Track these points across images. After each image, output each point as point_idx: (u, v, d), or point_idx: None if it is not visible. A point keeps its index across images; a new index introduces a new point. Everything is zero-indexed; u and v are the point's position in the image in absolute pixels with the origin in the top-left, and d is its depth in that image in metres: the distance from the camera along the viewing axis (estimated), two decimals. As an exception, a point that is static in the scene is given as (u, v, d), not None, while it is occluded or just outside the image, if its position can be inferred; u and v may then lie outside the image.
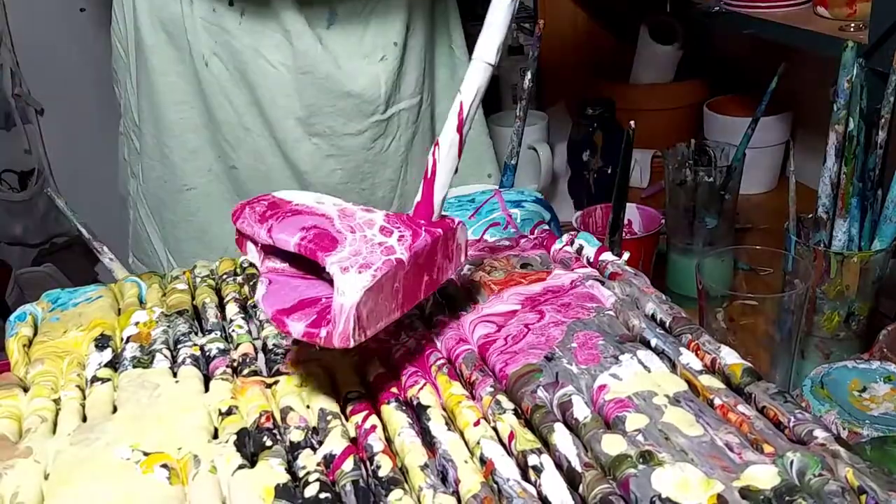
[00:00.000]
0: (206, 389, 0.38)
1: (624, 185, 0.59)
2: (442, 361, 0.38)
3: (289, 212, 0.37)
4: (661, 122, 1.04)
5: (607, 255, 0.47)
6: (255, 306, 0.45)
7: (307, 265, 0.37)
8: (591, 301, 0.42)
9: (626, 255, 0.47)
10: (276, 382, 0.37)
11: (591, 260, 0.47)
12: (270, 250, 0.37)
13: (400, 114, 0.67)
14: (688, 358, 0.36)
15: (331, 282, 0.33)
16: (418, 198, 0.39)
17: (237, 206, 0.38)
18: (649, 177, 1.03)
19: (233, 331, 0.43)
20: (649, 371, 0.36)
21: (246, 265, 0.51)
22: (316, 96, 0.63)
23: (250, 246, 0.38)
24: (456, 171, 0.39)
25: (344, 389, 0.37)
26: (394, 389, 0.36)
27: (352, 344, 0.33)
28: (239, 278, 0.49)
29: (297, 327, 0.33)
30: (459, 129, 0.38)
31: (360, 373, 0.38)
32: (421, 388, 0.36)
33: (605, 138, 0.93)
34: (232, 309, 0.45)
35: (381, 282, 0.34)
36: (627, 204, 0.64)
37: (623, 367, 0.36)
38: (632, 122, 0.58)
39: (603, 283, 0.44)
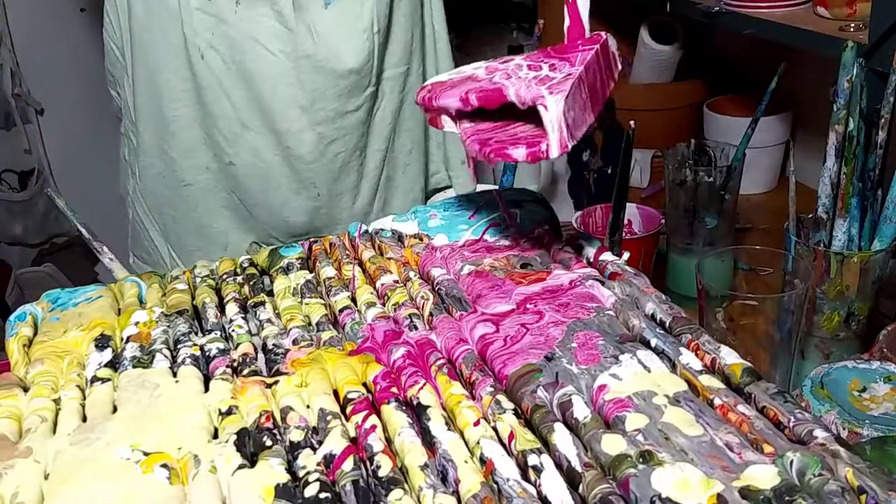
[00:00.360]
0: (206, 389, 0.38)
1: (624, 185, 0.59)
2: (442, 361, 0.38)
3: (464, 80, 0.42)
4: (661, 121, 1.04)
5: (607, 255, 0.47)
6: (255, 305, 0.45)
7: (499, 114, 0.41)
8: (591, 301, 0.42)
9: (626, 255, 0.47)
10: (276, 382, 0.37)
11: (591, 260, 0.47)
12: (461, 115, 0.42)
13: (388, 82, 0.67)
14: (688, 358, 0.36)
15: (522, 118, 0.39)
16: (567, 22, 0.43)
17: (423, 92, 0.43)
18: (649, 177, 1.03)
19: (233, 330, 0.43)
20: (649, 371, 0.36)
21: (246, 265, 0.51)
22: (318, 80, 0.63)
23: (445, 118, 0.43)
24: None
25: (344, 389, 0.37)
26: (393, 389, 0.36)
27: (568, 148, 0.38)
28: (239, 278, 0.49)
29: (520, 152, 0.39)
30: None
31: (359, 373, 0.38)
32: (421, 388, 0.36)
33: (605, 138, 0.93)
34: (232, 309, 0.45)
35: (573, 92, 0.39)
36: (627, 204, 0.64)
37: (623, 367, 0.36)
38: (632, 122, 0.58)
39: (603, 283, 0.44)
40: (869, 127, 0.57)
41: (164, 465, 0.32)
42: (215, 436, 0.34)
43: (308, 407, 0.36)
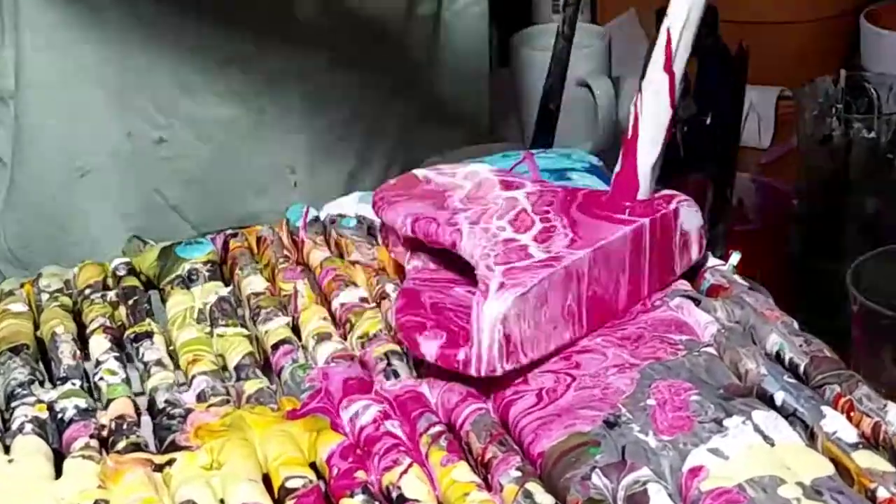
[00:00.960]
0: (58, 474, 0.37)
1: (731, 145, 0.59)
2: (438, 429, 0.38)
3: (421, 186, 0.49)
4: (792, 41, 1.04)
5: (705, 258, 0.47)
6: (137, 338, 0.45)
7: (461, 263, 0.44)
8: (679, 331, 0.42)
9: (735, 257, 0.47)
10: (170, 463, 0.37)
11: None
12: (416, 245, 0.47)
13: None
14: (835, 423, 0.36)
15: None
16: (618, 167, 0.44)
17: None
18: (773, 131, 1.03)
19: (101, 379, 0.43)
20: (772, 444, 0.36)
21: (122, 272, 0.51)
22: None
23: (393, 239, 0.48)
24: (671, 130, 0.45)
25: (280, 474, 0.36)
26: (359, 474, 0.36)
27: (499, 371, 0.40)
28: (111, 294, 0.49)
29: (429, 347, 0.41)
30: (668, 68, 0.42)
31: (305, 448, 0.38)
32: (404, 472, 0.36)
33: (700, 69, 0.93)
34: (100, 343, 0.45)
35: (542, 293, 0.41)
36: (738, 174, 0.64)
37: (730, 437, 0.36)
38: (744, 43, 0.58)
39: (697, 303, 0.44)
40: None
41: None
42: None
43: (222, 503, 0.35)
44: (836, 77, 0.75)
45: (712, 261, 0.47)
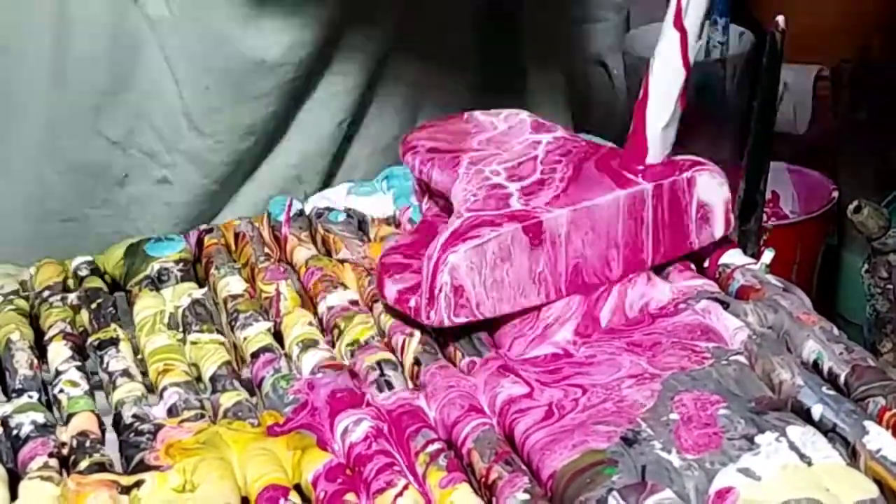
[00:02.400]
0: (13, 497, 0.37)
1: (765, 130, 0.59)
2: (437, 446, 0.38)
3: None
4: (831, 15, 1.04)
5: (734, 255, 0.47)
6: (101, 346, 0.45)
7: None
8: (705, 338, 0.42)
9: (768, 255, 0.48)
10: (138, 484, 0.37)
11: (707, 264, 0.47)
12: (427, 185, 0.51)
13: None
14: (880, 440, 0.36)
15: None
16: (632, 126, 0.46)
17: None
18: (810, 114, 1.03)
19: (61, 391, 0.43)
20: (809, 464, 0.35)
21: (84, 272, 0.51)
22: None
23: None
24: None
25: (261, 496, 0.36)
26: (349, 497, 0.36)
27: (447, 323, 0.42)
28: (71, 297, 0.49)
29: (391, 290, 0.44)
30: (679, 24, 0.43)
31: (289, 467, 0.38)
32: (399, 495, 0.36)
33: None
34: (59, 352, 0.45)
35: (499, 251, 0.42)
36: (772, 163, 0.64)
37: (762, 455, 0.36)
38: (779, 18, 0.58)
39: (726, 306, 0.44)
40: None
41: None
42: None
43: (196, 528, 0.36)
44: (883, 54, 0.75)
45: (743, 259, 0.47)
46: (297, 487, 0.37)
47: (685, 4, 0.44)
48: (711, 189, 0.46)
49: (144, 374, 0.45)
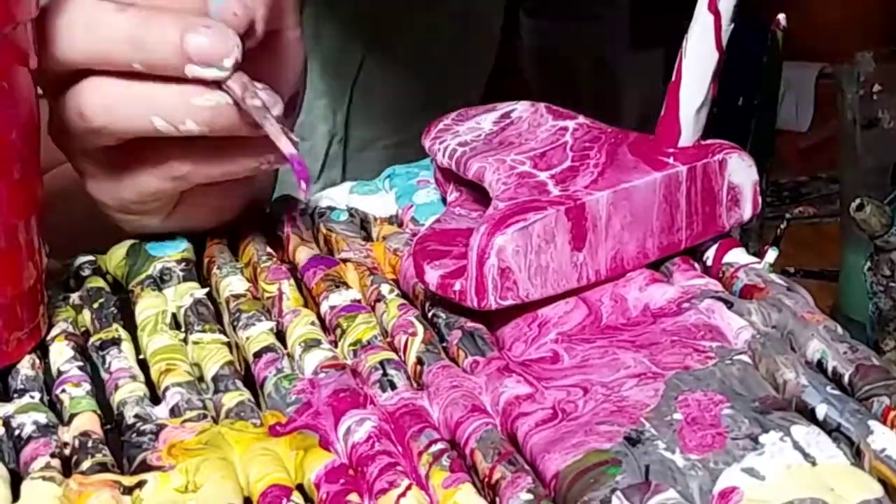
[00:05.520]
0: (15, 497, 0.37)
1: (767, 129, 0.59)
2: (440, 447, 0.38)
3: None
4: (834, 13, 1.03)
5: (738, 254, 0.47)
6: (103, 346, 0.45)
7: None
8: (709, 337, 0.42)
9: (772, 254, 0.48)
10: (140, 485, 0.37)
11: (710, 263, 0.47)
12: (456, 176, 0.51)
13: None
14: (884, 439, 0.36)
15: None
16: (662, 113, 0.46)
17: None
18: (812, 113, 1.03)
19: (63, 391, 0.43)
20: (814, 463, 0.35)
21: (86, 271, 0.51)
22: None
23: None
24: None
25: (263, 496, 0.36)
26: (352, 497, 0.36)
27: (494, 305, 0.43)
28: (73, 296, 0.49)
29: (433, 276, 0.44)
30: (713, 7, 0.44)
31: (291, 468, 0.38)
32: (402, 495, 0.36)
33: (730, 43, 0.93)
34: (61, 352, 0.45)
35: (548, 229, 0.43)
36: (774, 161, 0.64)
37: (766, 455, 0.36)
38: (780, 17, 0.58)
39: (730, 305, 0.44)
40: None
41: None
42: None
43: (198, 529, 0.36)
44: (889, 52, 0.75)
45: (746, 258, 0.47)
46: (300, 488, 0.37)
47: None
48: (742, 171, 0.47)
49: (147, 374, 0.44)
